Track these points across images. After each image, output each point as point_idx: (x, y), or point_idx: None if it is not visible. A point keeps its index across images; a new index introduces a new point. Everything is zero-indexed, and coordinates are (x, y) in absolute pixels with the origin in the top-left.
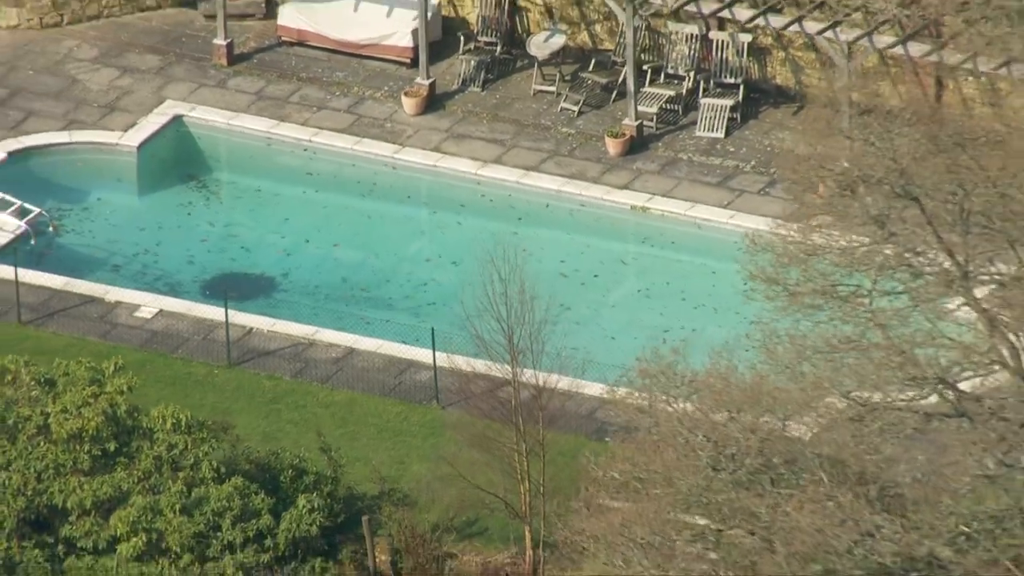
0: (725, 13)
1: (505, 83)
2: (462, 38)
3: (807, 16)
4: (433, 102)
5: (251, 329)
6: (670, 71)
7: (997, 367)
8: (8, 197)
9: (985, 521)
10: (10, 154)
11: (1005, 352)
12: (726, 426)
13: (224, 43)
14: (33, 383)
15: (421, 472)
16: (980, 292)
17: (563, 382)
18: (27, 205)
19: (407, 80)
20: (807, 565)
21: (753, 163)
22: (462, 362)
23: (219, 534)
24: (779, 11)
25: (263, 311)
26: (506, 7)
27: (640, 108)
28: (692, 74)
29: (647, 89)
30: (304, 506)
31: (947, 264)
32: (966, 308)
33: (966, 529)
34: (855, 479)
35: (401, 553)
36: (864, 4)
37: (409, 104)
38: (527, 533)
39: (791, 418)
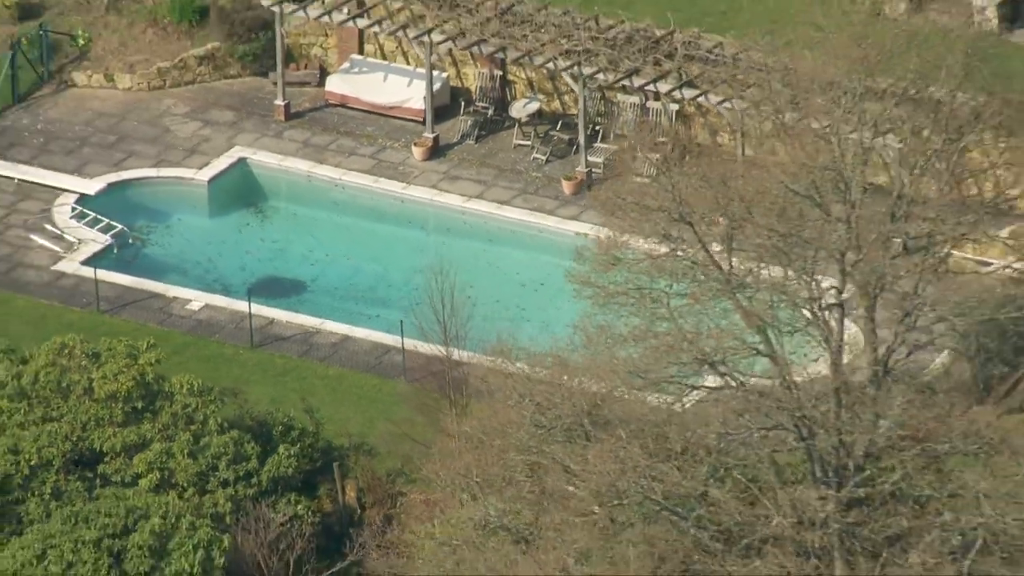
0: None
1: (494, 138)
2: (463, 103)
3: (712, 91)
4: (437, 151)
5: (272, 320)
6: (616, 132)
7: (755, 354)
8: (99, 216)
9: (732, 468)
10: (109, 184)
11: (762, 342)
12: (551, 393)
13: (283, 104)
14: (83, 356)
15: (384, 430)
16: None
17: (485, 361)
18: (113, 223)
19: (418, 133)
20: (604, 501)
21: None
22: (423, 347)
23: (216, 473)
24: (695, 86)
25: (286, 306)
26: (498, 80)
27: (590, 159)
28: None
29: (597, 144)
30: (283, 453)
31: (717, 274)
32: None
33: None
34: (650, 437)
35: (364, 491)
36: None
37: (418, 152)
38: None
39: (604, 387)
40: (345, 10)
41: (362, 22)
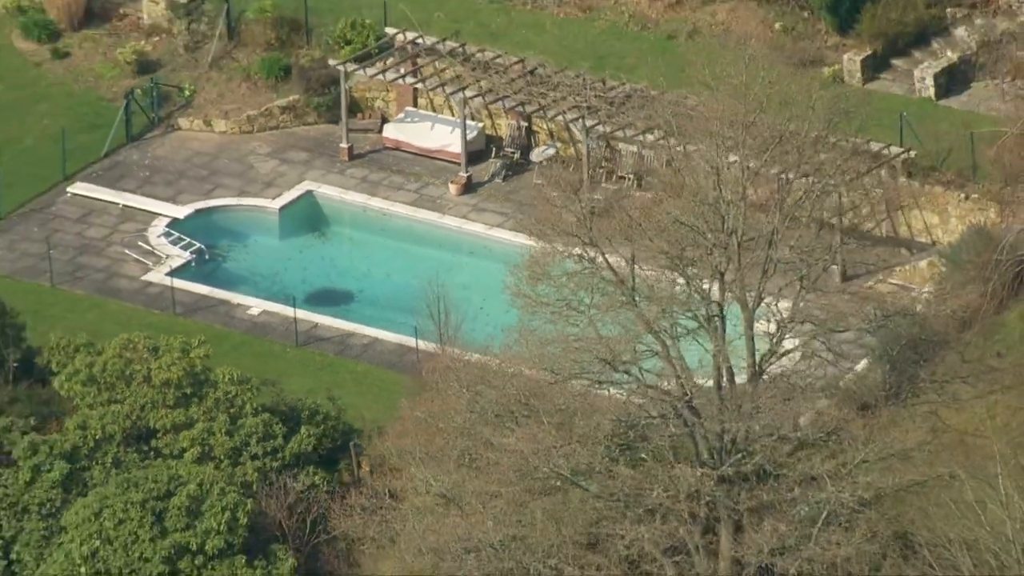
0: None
1: (519, 178)
2: (494, 148)
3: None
4: (470, 187)
5: (317, 324)
6: (620, 174)
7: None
8: (181, 235)
9: (614, 449)
10: (196, 210)
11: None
12: (483, 383)
13: (347, 146)
14: (144, 349)
15: (392, 416)
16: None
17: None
18: (192, 241)
19: (455, 173)
20: (523, 477)
21: None
22: (432, 347)
23: (248, 448)
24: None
25: (332, 313)
26: (523, 130)
27: (594, 196)
28: (631, 175)
29: (603, 184)
30: (305, 433)
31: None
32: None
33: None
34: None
35: (374, 467)
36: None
37: (453, 188)
38: None
39: (538, 377)
40: (401, 69)
41: (409, 80)
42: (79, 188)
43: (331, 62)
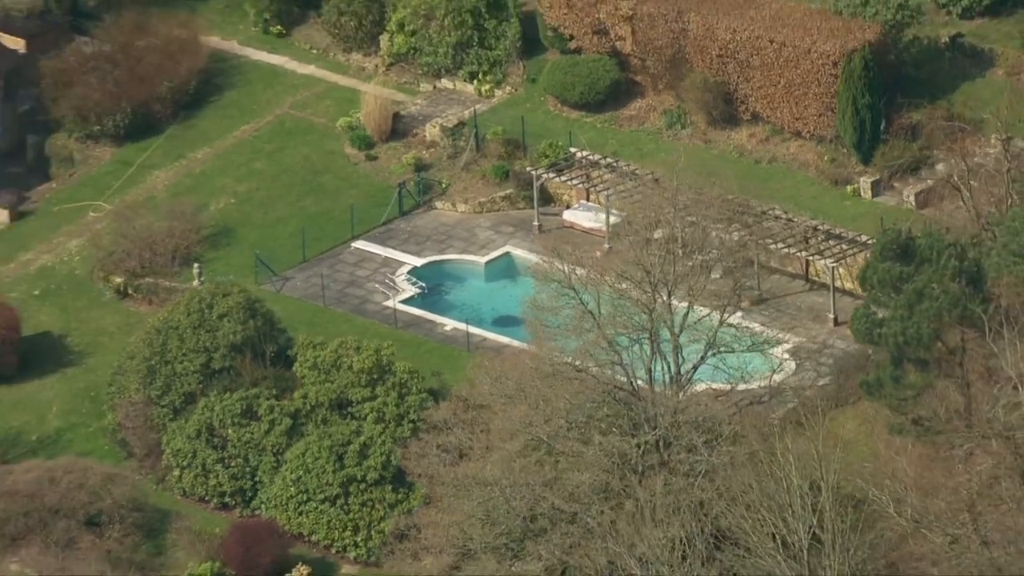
0: None
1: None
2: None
3: None
4: (608, 253)
5: (485, 338)
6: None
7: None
8: (416, 278)
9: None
10: (430, 261)
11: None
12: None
13: (538, 224)
14: (350, 347)
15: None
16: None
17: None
18: (420, 281)
19: (602, 243)
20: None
21: None
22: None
23: (408, 415)
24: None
25: (500, 332)
26: None
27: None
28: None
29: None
30: (416, 395)
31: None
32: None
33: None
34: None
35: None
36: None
37: (599, 254)
38: None
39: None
40: (578, 175)
41: (582, 183)
42: (359, 244)
43: (533, 170)
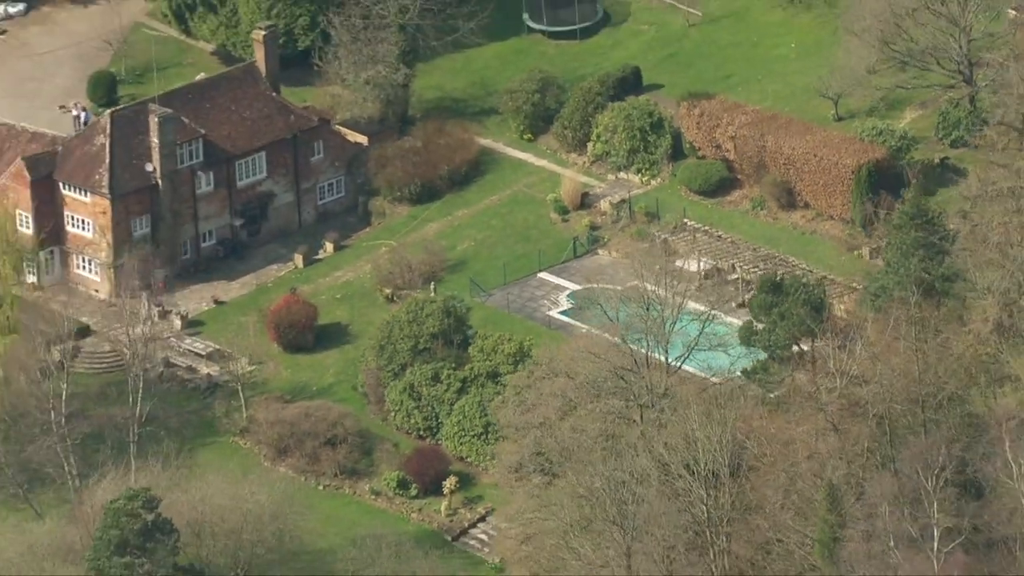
0: None
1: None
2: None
3: None
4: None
5: (587, 329)
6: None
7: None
8: (573, 298)
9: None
10: (584, 287)
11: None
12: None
13: (659, 267)
14: (505, 339)
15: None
16: None
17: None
18: (574, 300)
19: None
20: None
21: None
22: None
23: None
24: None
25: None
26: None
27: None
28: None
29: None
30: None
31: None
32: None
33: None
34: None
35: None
36: None
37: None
38: None
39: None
40: (683, 235)
41: (685, 239)
42: (542, 275)
43: (660, 232)
